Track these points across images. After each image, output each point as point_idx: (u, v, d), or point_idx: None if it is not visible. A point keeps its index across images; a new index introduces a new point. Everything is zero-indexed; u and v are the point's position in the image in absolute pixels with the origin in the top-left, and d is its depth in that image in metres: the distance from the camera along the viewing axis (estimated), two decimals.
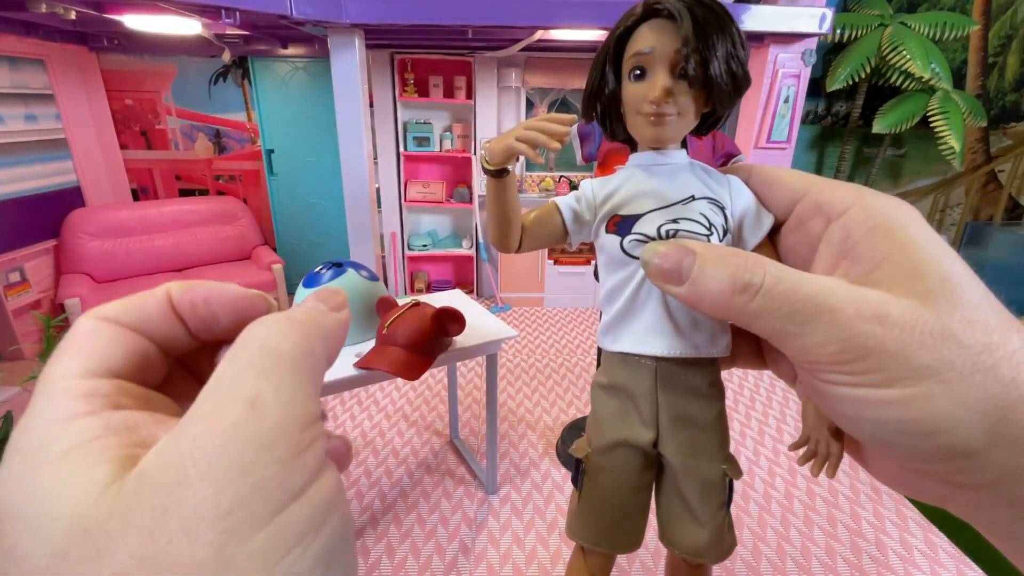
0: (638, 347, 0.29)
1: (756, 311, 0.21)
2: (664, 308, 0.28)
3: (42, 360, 1.52)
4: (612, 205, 0.29)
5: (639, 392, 0.30)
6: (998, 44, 3.43)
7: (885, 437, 0.19)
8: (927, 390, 0.18)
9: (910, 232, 0.21)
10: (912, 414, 0.18)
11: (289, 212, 3.72)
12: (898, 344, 0.18)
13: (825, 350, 0.19)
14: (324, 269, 1.39)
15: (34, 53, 2.87)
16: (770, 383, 2.61)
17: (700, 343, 0.29)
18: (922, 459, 0.19)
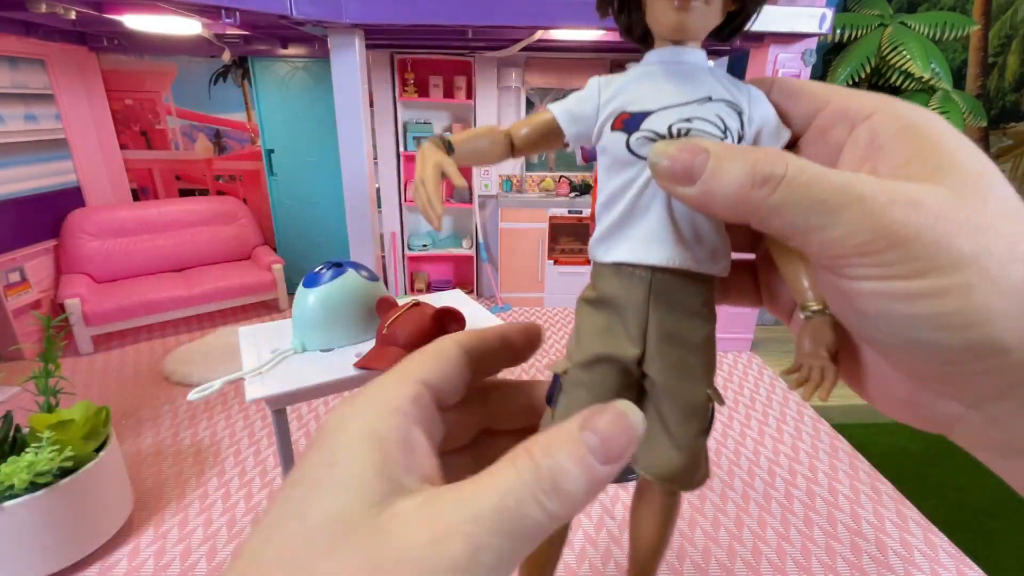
0: (635, 255, 0.26)
1: (777, 205, 0.19)
2: (667, 215, 0.26)
3: (42, 360, 1.52)
4: (620, 102, 0.27)
5: (630, 305, 0.27)
6: (998, 44, 3.43)
7: (914, 335, 0.18)
8: (964, 280, 0.17)
9: (940, 131, 0.20)
10: (948, 306, 0.17)
11: (289, 212, 3.72)
12: (934, 232, 0.17)
13: (854, 240, 0.18)
14: (324, 269, 1.39)
15: (34, 53, 2.87)
16: (770, 383, 2.61)
17: (701, 258, 0.26)
18: (951, 359, 0.18)
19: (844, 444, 2.15)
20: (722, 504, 1.80)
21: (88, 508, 1.48)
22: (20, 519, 1.36)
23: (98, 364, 2.73)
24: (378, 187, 3.56)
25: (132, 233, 3.18)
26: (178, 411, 2.30)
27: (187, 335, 3.07)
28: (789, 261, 0.26)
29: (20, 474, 1.33)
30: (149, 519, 1.70)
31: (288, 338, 1.40)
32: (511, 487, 0.16)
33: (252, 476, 1.90)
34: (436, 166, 0.26)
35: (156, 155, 3.53)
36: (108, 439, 1.57)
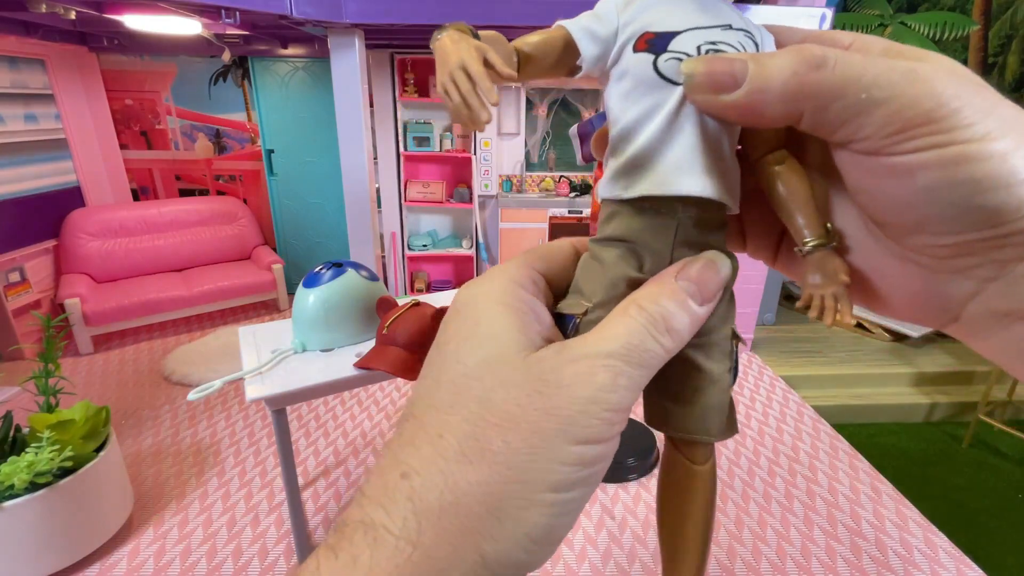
0: (664, 186, 0.23)
1: (838, 84, 0.19)
2: (698, 142, 0.23)
3: (42, 360, 1.52)
4: (643, 22, 0.24)
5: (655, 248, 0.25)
6: (998, 44, 3.43)
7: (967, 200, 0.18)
8: (1013, 142, 0.18)
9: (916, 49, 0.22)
10: (1000, 167, 0.18)
11: (289, 212, 3.72)
12: (979, 99, 0.18)
13: (918, 109, 0.18)
14: (324, 269, 1.39)
15: (34, 53, 2.87)
16: (770, 383, 2.61)
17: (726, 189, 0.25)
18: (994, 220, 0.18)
19: (844, 444, 2.15)
20: (722, 504, 1.80)
21: (88, 508, 1.48)
22: (20, 519, 1.36)
23: (98, 364, 2.73)
24: (378, 187, 3.56)
25: (132, 233, 3.18)
26: (178, 411, 2.30)
27: (187, 335, 3.07)
28: (784, 200, 0.25)
29: (20, 474, 1.33)
30: (149, 519, 1.70)
31: (288, 338, 1.40)
32: (632, 329, 0.21)
33: (252, 476, 1.90)
34: (477, 49, 0.22)
35: (156, 155, 3.53)
36: (108, 439, 1.58)
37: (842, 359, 2.98)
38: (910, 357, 3.00)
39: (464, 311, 0.22)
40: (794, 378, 2.74)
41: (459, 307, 0.22)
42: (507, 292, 0.22)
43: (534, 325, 0.22)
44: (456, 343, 0.21)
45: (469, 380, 0.20)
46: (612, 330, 0.21)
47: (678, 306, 0.22)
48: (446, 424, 0.20)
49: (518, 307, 0.22)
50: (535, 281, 0.23)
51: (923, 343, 3.12)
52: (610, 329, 0.21)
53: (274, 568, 1.52)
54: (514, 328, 0.21)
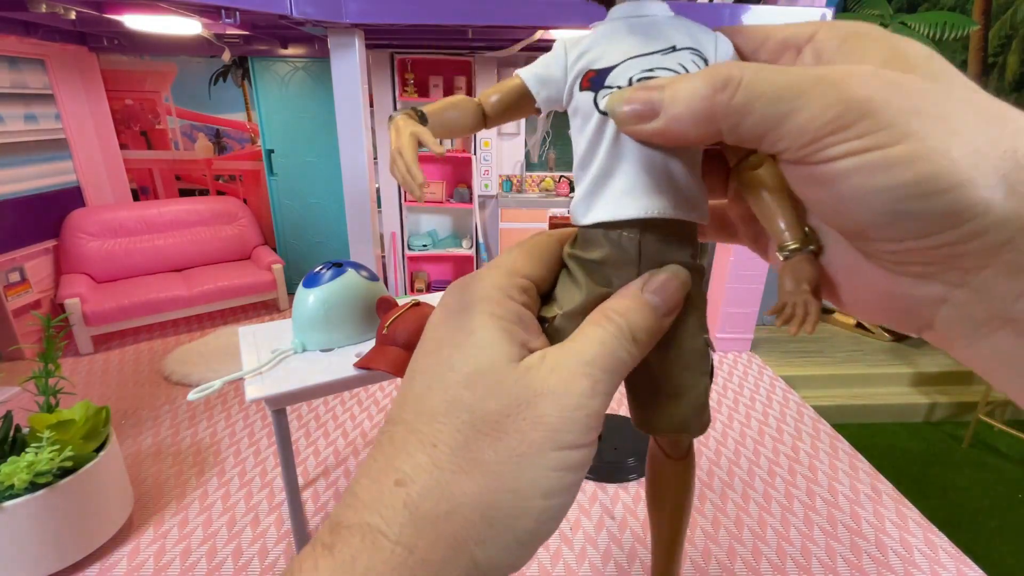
0: (614, 212, 0.26)
1: (744, 102, 0.19)
2: (639, 167, 0.25)
3: (42, 360, 1.52)
4: (586, 60, 0.26)
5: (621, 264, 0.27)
6: (998, 44, 3.43)
7: (896, 207, 0.18)
8: (940, 143, 0.17)
9: (882, 32, 0.21)
10: (926, 169, 0.17)
11: (289, 212, 3.72)
12: (904, 98, 0.17)
13: (826, 117, 0.18)
14: (324, 269, 1.39)
15: (34, 53, 2.87)
16: (770, 383, 2.61)
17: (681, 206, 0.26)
18: (934, 228, 0.17)
19: (844, 444, 2.15)
20: (722, 504, 1.80)
21: (88, 508, 1.48)
22: (20, 519, 1.36)
23: (98, 364, 2.73)
24: (378, 187, 3.56)
25: (132, 233, 3.18)
26: (178, 411, 2.30)
27: (187, 335, 3.07)
28: (762, 204, 0.26)
29: (20, 474, 1.33)
30: (149, 519, 1.70)
31: (288, 338, 1.40)
32: (605, 339, 0.22)
33: (252, 476, 1.90)
34: (412, 135, 0.26)
35: (156, 155, 3.53)
36: (108, 439, 1.58)
37: (842, 359, 2.98)
38: (910, 357, 3.00)
39: (457, 318, 0.23)
40: (794, 378, 2.74)
41: (450, 312, 0.23)
42: (497, 302, 0.23)
43: (521, 334, 0.23)
44: (449, 350, 0.22)
45: (461, 389, 0.21)
46: (587, 339, 0.22)
47: (644, 318, 0.23)
48: (439, 433, 0.21)
49: (507, 316, 0.23)
50: (523, 288, 0.24)
51: (923, 343, 3.12)
52: (585, 338, 0.23)
53: (274, 568, 1.52)
54: (503, 339, 0.22)
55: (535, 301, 0.25)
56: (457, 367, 0.21)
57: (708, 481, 1.90)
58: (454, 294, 0.24)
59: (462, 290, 0.24)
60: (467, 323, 0.22)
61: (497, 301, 0.23)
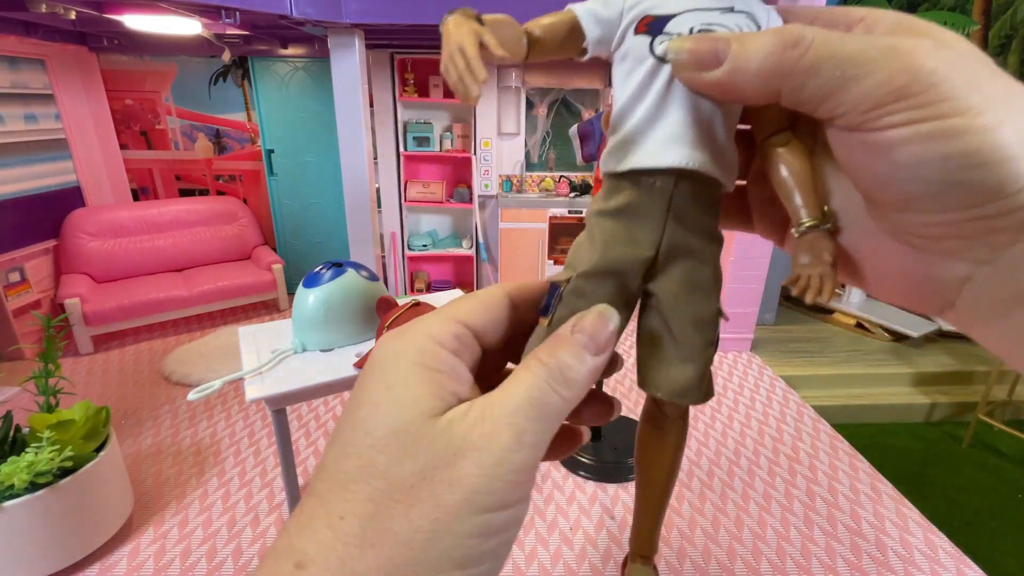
0: (654, 159, 0.25)
1: (812, 62, 0.20)
2: (687, 117, 0.25)
3: (42, 360, 1.52)
4: (644, 6, 0.26)
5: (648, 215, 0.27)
6: (998, 44, 3.43)
7: (948, 177, 0.18)
8: (995, 118, 0.17)
9: (928, 24, 0.21)
10: (981, 142, 0.17)
11: (289, 212, 3.72)
12: (964, 73, 0.18)
13: (892, 85, 0.18)
14: (324, 269, 1.39)
15: (34, 53, 2.87)
16: (770, 383, 2.61)
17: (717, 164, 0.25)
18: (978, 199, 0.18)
19: (844, 444, 2.15)
20: (722, 504, 1.80)
21: (88, 508, 1.48)
22: (20, 519, 1.36)
23: (98, 364, 2.73)
24: (378, 187, 3.56)
25: (132, 233, 3.18)
26: (178, 411, 2.30)
27: (187, 335, 3.08)
28: (783, 182, 0.26)
29: (20, 474, 1.33)
30: (149, 519, 1.70)
31: (288, 338, 1.40)
32: (533, 383, 0.21)
33: (252, 476, 1.90)
34: (473, 32, 0.24)
35: (156, 155, 3.53)
36: (108, 439, 1.57)
37: (842, 359, 2.98)
38: (910, 357, 3.00)
39: (378, 371, 0.21)
40: (794, 378, 2.74)
41: (375, 365, 0.22)
42: (424, 351, 0.21)
43: (449, 385, 0.21)
44: (367, 409, 0.20)
45: (375, 453, 0.19)
46: (515, 386, 0.21)
47: (574, 358, 0.22)
48: (348, 504, 0.19)
49: (434, 367, 0.21)
50: (458, 336, 0.22)
51: (923, 343, 3.12)
52: (513, 385, 0.21)
53: None
54: (426, 393, 0.20)
55: (471, 350, 0.23)
56: (372, 428, 0.20)
57: (708, 481, 1.90)
58: (383, 343, 0.22)
59: (393, 339, 0.22)
60: (388, 377, 0.21)
61: (425, 350, 0.21)
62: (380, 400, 0.20)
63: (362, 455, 0.19)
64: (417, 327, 0.22)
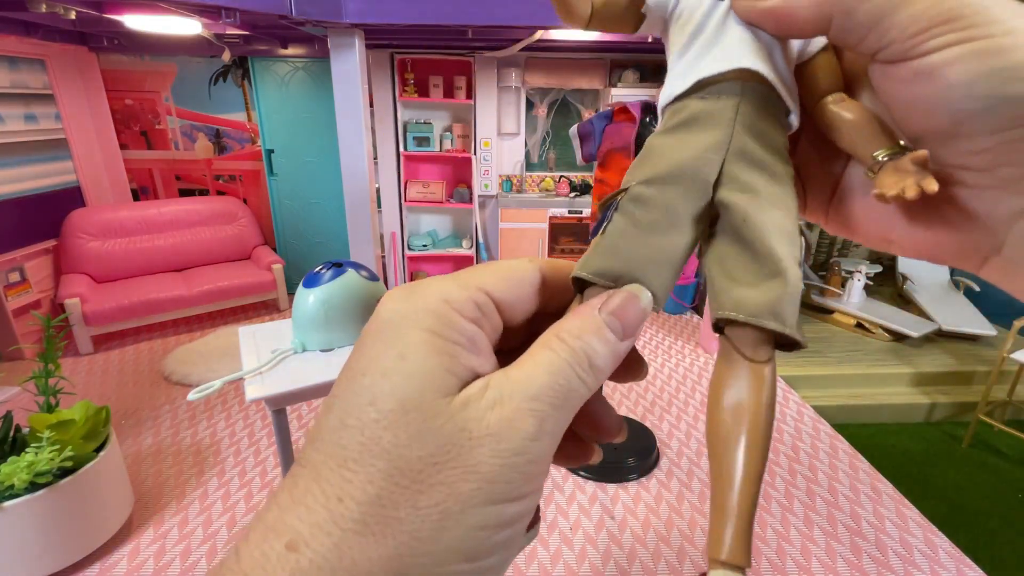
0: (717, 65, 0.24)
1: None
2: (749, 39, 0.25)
3: (42, 360, 1.52)
4: None
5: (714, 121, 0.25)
6: None
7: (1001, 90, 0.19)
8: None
9: None
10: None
11: (289, 212, 3.72)
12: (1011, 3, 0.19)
13: (940, 7, 0.19)
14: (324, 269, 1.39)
15: (34, 53, 2.87)
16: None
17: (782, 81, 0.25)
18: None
19: (844, 444, 2.15)
20: None
21: (88, 508, 1.48)
22: (20, 519, 1.36)
23: (98, 364, 2.73)
24: (378, 187, 3.56)
25: (132, 233, 3.18)
26: (178, 411, 2.30)
27: (187, 335, 3.08)
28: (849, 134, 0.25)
29: (20, 474, 1.33)
30: (149, 519, 1.70)
31: (288, 338, 1.40)
32: (557, 367, 0.19)
33: (252, 476, 1.90)
34: None
35: (156, 155, 3.53)
36: (108, 439, 1.57)
37: (842, 359, 2.98)
38: (910, 357, 3.00)
39: (388, 334, 0.19)
40: (794, 378, 2.74)
41: (381, 326, 0.19)
42: (440, 318, 0.19)
43: (466, 359, 0.19)
44: (373, 377, 0.18)
45: (380, 429, 0.17)
46: (536, 366, 0.19)
47: (601, 342, 0.20)
48: (347, 484, 0.17)
49: (451, 337, 0.19)
50: (480, 304, 0.20)
51: (923, 343, 3.12)
52: (534, 364, 0.19)
53: None
54: (440, 367, 0.18)
55: (493, 324, 0.21)
56: (379, 401, 0.18)
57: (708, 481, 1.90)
58: (392, 302, 0.20)
59: (403, 298, 0.20)
60: (399, 342, 0.19)
61: (441, 316, 0.19)
62: (390, 369, 0.18)
63: (365, 430, 0.18)
64: (431, 288, 0.20)
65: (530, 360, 0.20)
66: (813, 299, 3.50)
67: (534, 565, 1.57)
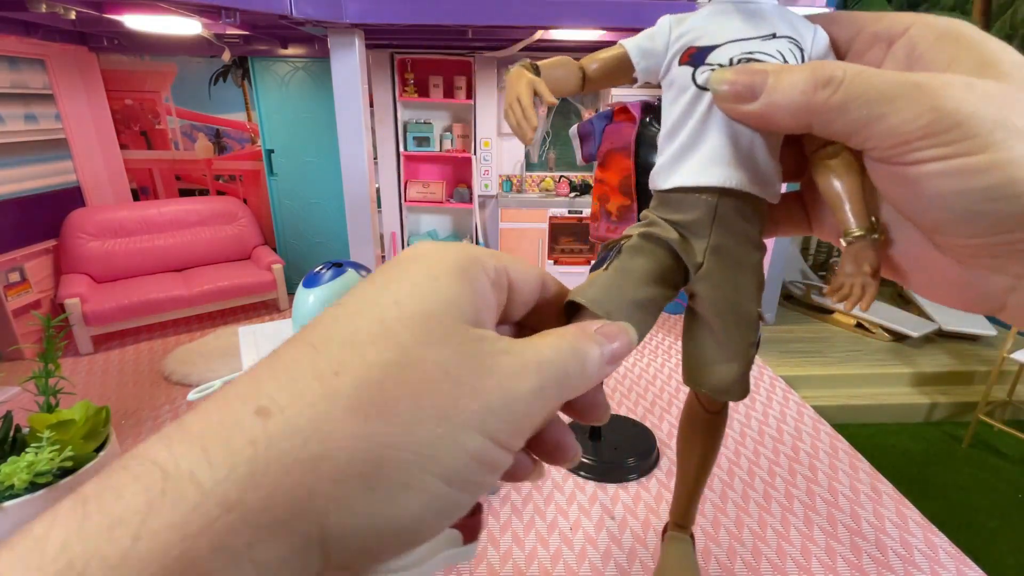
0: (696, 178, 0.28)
1: (841, 102, 0.21)
2: (727, 141, 0.27)
3: (42, 360, 1.52)
4: (689, 38, 0.28)
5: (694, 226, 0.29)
6: None
7: (975, 208, 0.19)
8: (1020, 153, 0.18)
9: (976, 35, 0.22)
10: (1004, 176, 0.18)
11: (289, 212, 3.72)
12: (990, 110, 0.19)
13: (917, 123, 0.19)
14: (324, 269, 1.39)
15: (34, 53, 2.87)
16: (770, 383, 2.61)
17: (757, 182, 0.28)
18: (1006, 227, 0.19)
19: (844, 444, 2.15)
20: (722, 504, 1.80)
21: None
22: (20, 519, 1.36)
23: (98, 364, 2.73)
24: (378, 187, 3.56)
25: (132, 233, 3.18)
26: (178, 411, 2.30)
27: (187, 335, 3.07)
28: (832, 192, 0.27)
29: (20, 474, 1.33)
30: None
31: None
32: (563, 351, 0.20)
33: None
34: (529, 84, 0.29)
35: (156, 155, 3.53)
36: (108, 439, 1.57)
37: (842, 359, 2.98)
38: (910, 357, 3.00)
39: (421, 260, 0.19)
40: (794, 378, 2.74)
41: (413, 254, 0.20)
42: (469, 264, 0.19)
43: (484, 308, 0.19)
44: (401, 285, 0.18)
45: (400, 325, 0.17)
46: (546, 346, 0.20)
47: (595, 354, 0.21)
48: (349, 361, 0.16)
49: (475, 286, 0.19)
50: (499, 273, 0.21)
51: (923, 343, 3.12)
52: (545, 345, 0.20)
53: None
54: (467, 299, 0.18)
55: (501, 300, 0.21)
56: (404, 304, 0.17)
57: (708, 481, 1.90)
58: (423, 244, 0.20)
59: (435, 244, 0.20)
60: (432, 268, 0.19)
61: (470, 264, 0.19)
62: (422, 283, 0.18)
63: (384, 321, 0.17)
64: (458, 245, 0.21)
65: (541, 340, 0.20)
66: (813, 299, 3.50)
67: (534, 565, 1.57)
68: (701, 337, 0.31)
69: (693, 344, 0.31)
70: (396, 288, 0.18)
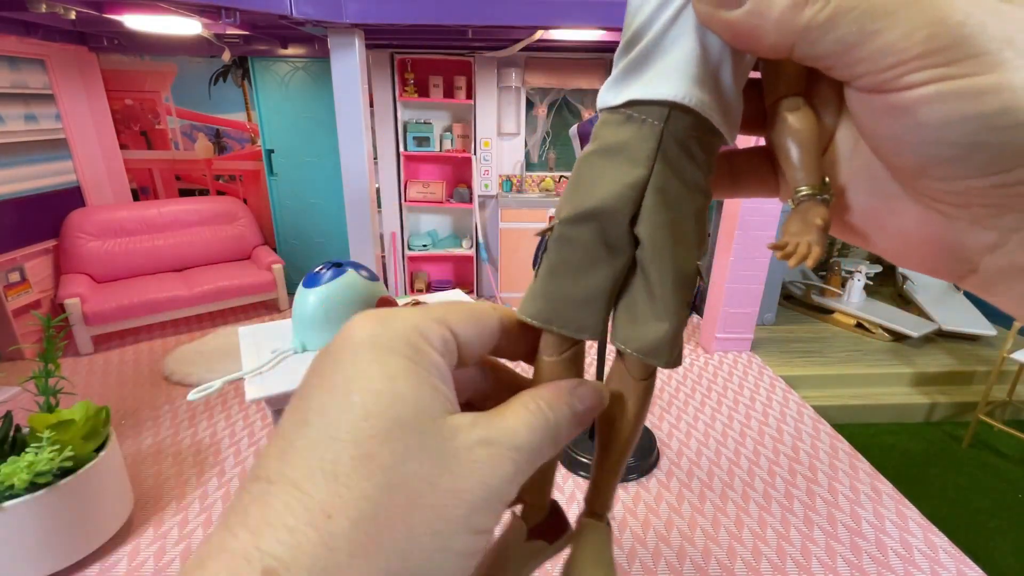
0: (648, 91, 0.24)
1: (830, 17, 0.18)
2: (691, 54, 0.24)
3: (42, 360, 1.52)
4: None
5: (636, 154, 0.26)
6: None
7: (975, 138, 0.17)
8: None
9: None
10: (1013, 100, 0.16)
11: (289, 212, 3.72)
12: (999, 25, 0.16)
13: (916, 38, 0.17)
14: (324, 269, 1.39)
15: (34, 53, 2.87)
16: (770, 383, 2.61)
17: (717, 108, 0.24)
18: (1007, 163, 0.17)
19: (844, 444, 2.15)
20: (722, 504, 1.80)
21: (88, 508, 1.48)
22: (20, 519, 1.36)
23: (98, 364, 2.73)
24: (378, 187, 3.56)
25: (132, 233, 3.18)
26: (178, 411, 2.30)
27: (187, 335, 3.08)
28: (786, 147, 0.25)
29: (20, 474, 1.33)
30: (149, 519, 1.70)
31: (288, 338, 1.40)
32: (536, 428, 0.20)
33: None
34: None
35: (156, 155, 3.53)
36: (108, 439, 1.57)
37: (842, 359, 2.98)
38: (910, 357, 3.00)
39: (365, 355, 0.18)
40: (794, 378, 2.74)
41: (358, 346, 0.19)
42: (414, 346, 0.19)
43: (444, 390, 0.19)
44: (363, 395, 0.18)
45: (376, 444, 0.17)
46: (519, 420, 0.20)
47: (568, 422, 0.22)
48: (338, 500, 0.16)
49: (428, 368, 0.19)
50: (445, 341, 0.20)
51: (923, 343, 3.12)
52: (517, 419, 0.20)
53: None
54: (429, 394, 0.18)
55: (451, 360, 0.21)
56: (374, 418, 0.17)
57: (708, 481, 1.90)
58: (368, 325, 0.19)
59: (378, 323, 0.19)
60: (384, 365, 0.18)
61: (416, 345, 0.19)
62: (382, 390, 0.18)
63: (360, 445, 0.17)
64: (400, 316, 0.20)
65: (512, 414, 0.21)
66: (813, 299, 3.50)
67: None
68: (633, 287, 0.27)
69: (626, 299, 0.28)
70: (360, 400, 0.18)
